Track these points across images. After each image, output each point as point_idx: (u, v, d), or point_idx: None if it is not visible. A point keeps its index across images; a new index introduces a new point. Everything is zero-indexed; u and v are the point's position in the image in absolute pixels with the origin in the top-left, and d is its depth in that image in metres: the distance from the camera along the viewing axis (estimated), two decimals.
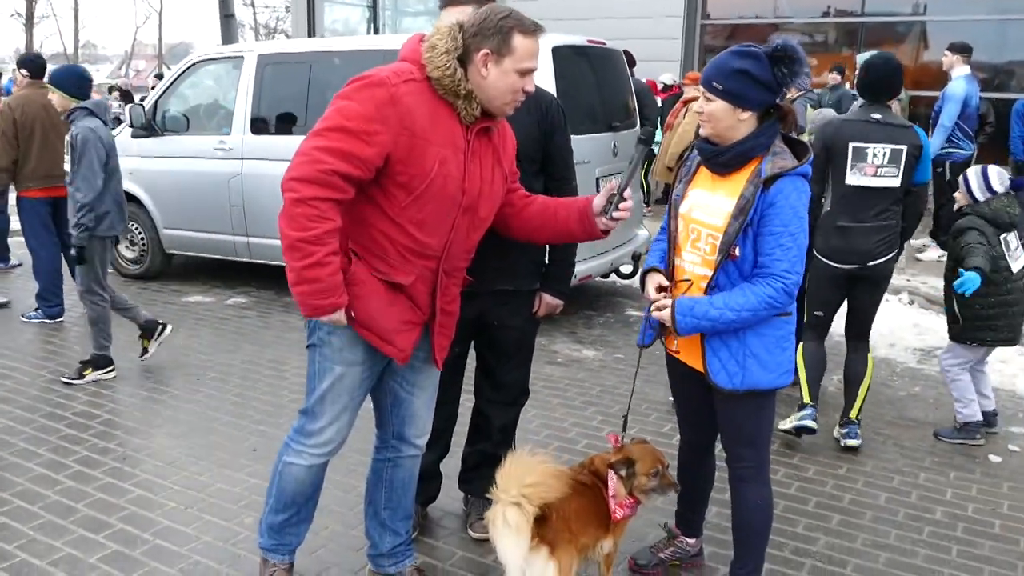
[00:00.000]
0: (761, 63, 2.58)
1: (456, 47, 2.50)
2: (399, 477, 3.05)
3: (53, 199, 6.17)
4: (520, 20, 2.52)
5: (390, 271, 2.62)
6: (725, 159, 2.67)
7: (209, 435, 4.40)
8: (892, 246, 4.20)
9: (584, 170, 6.05)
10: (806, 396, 4.35)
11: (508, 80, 2.51)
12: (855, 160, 4.10)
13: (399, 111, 2.43)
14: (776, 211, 2.55)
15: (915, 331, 6.29)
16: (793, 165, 2.58)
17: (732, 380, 2.70)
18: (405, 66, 2.52)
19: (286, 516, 2.94)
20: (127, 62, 51.21)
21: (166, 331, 5.46)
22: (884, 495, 3.88)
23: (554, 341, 6.02)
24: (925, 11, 11.51)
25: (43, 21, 43.07)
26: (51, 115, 6.05)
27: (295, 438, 2.87)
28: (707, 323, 2.63)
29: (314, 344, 2.75)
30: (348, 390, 2.77)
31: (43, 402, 4.84)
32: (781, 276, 2.56)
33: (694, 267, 2.75)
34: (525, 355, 3.39)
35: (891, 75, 4.21)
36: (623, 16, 11.75)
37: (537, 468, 2.55)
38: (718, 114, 2.62)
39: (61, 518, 3.57)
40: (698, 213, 2.73)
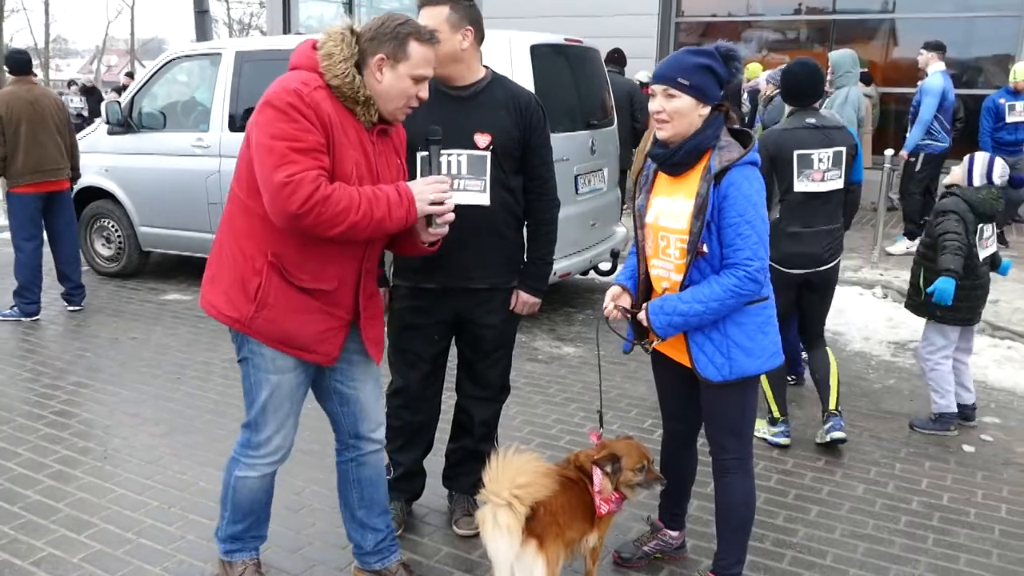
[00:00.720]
0: (718, 60, 2.67)
1: (352, 54, 2.56)
2: (366, 475, 3.05)
3: (44, 194, 6.20)
4: (417, 28, 2.60)
5: (313, 278, 2.66)
6: (678, 158, 2.73)
7: (191, 433, 4.38)
8: (839, 249, 4.29)
9: (563, 167, 6.08)
10: (775, 410, 4.34)
11: (402, 85, 2.59)
12: (801, 167, 4.13)
13: (320, 116, 2.49)
14: (730, 203, 2.63)
15: (889, 324, 6.39)
16: (739, 155, 2.66)
17: (720, 371, 2.76)
18: (306, 75, 2.55)
19: (245, 525, 2.98)
20: (99, 57, 50.59)
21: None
22: (861, 486, 3.95)
23: (535, 338, 6.05)
24: (894, 8, 11.66)
25: (12, 15, 42.39)
26: (38, 111, 6.07)
27: (242, 452, 2.88)
28: (679, 318, 2.70)
29: (245, 357, 2.77)
30: (287, 396, 2.79)
31: (21, 401, 4.80)
32: (743, 264, 2.63)
33: (669, 273, 2.82)
34: (505, 352, 3.42)
35: (811, 78, 4.26)
36: (599, 14, 11.80)
37: (527, 468, 2.57)
38: (683, 110, 2.68)
39: (43, 517, 3.55)
40: (664, 220, 2.79)
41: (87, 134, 7.66)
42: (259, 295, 2.62)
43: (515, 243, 3.31)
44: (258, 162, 2.51)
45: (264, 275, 2.61)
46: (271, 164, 2.46)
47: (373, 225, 2.56)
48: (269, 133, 2.48)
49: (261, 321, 2.64)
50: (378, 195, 2.57)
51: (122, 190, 7.31)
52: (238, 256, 2.64)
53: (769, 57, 12.15)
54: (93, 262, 7.70)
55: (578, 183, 6.33)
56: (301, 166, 2.45)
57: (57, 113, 6.21)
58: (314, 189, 2.45)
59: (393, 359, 3.38)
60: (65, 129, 6.27)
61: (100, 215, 7.52)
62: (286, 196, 2.44)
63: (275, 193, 2.45)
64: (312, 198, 2.44)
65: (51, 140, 6.12)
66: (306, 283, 2.65)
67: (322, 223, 2.49)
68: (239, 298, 2.64)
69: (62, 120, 6.25)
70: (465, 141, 3.11)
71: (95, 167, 7.34)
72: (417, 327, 3.29)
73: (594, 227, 6.53)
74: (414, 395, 3.36)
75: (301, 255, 2.62)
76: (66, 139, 6.27)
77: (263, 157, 2.48)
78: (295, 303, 2.65)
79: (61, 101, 6.40)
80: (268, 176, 2.47)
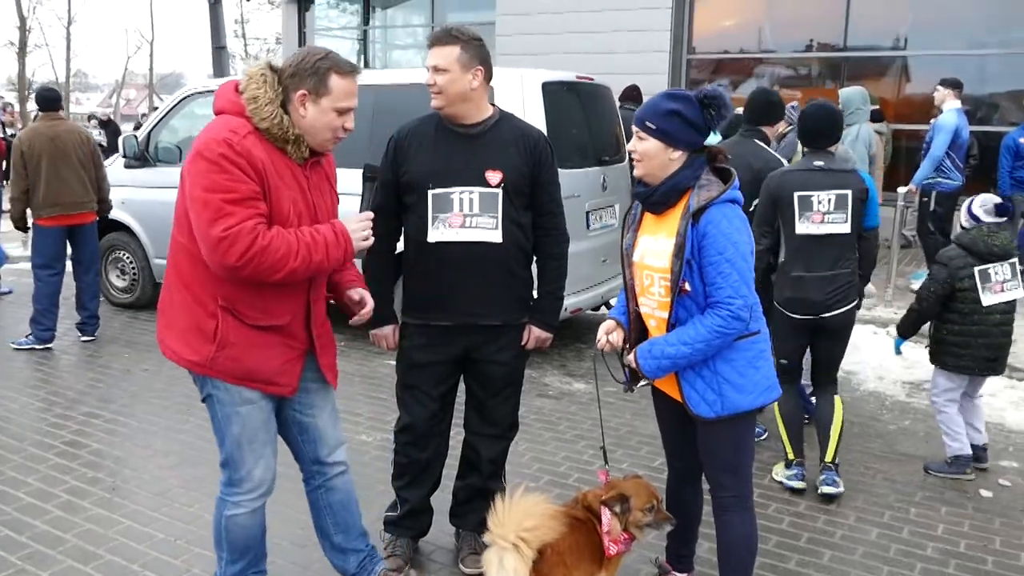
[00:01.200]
0: (692, 105, 2.69)
1: (276, 94, 2.59)
2: (336, 499, 3.08)
3: (67, 227, 6.34)
4: (336, 61, 2.63)
5: (265, 316, 2.68)
6: (657, 196, 2.76)
7: (199, 465, 4.37)
8: (848, 296, 4.13)
9: (574, 204, 6.12)
10: (790, 452, 4.28)
11: (326, 119, 2.64)
12: (802, 209, 4.09)
13: (253, 164, 2.52)
14: (709, 241, 2.64)
15: (904, 364, 6.32)
16: (718, 193, 2.67)
17: (712, 408, 2.76)
18: (235, 121, 2.58)
19: (244, 563, 2.96)
20: (118, 91, 51.30)
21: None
22: (875, 531, 3.89)
23: (545, 374, 6.03)
24: (906, 45, 11.71)
25: (36, 50, 43.15)
26: (59, 146, 6.21)
27: (227, 492, 2.87)
28: (667, 361, 2.71)
29: (209, 394, 2.77)
30: (260, 426, 2.79)
31: (32, 430, 4.81)
32: (725, 303, 2.64)
33: (654, 311, 2.83)
34: (514, 389, 3.41)
35: (827, 121, 4.23)
36: (611, 51, 11.91)
37: (534, 510, 2.55)
38: (651, 152, 2.73)
39: (50, 548, 3.55)
40: (648, 259, 2.81)
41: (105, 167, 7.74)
42: (218, 336, 2.64)
43: (525, 279, 3.32)
44: (194, 215, 2.53)
45: (219, 317, 2.63)
46: (207, 218, 2.49)
47: (312, 268, 2.63)
48: (202, 186, 2.50)
49: (223, 360, 2.66)
50: (316, 239, 2.62)
51: (137, 222, 7.38)
52: (189, 301, 2.66)
53: (782, 94, 12.20)
54: (108, 293, 7.74)
55: (589, 219, 6.34)
56: (237, 218, 2.48)
57: (80, 147, 6.33)
58: (251, 241, 2.48)
59: (401, 396, 3.37)
60: (90, 163, 6.38)
61: (115, 247, 7.58)
62: (224, 250, 2.48)
63: (213, 247, 2.49)
64: (250, 250, 2.48)
65: (73, 175, 6.24)
66: (260, 321, 2.68)
67: (262, 272, 2.54)
68: (197, 341, 2.66)
69: (86, 154, 6.36)
70: (476, 179, 3.13)
71: (113, 200, 7.38)
72: (426, 364, 3.28)
73: (605, 263, 6.53)
74: (421, 432, 3.34)
75: (249, 296, 2.64)
76: (91, 173, 6.39)
77: (199, 211, 2.50)
78: (253, 339, 2.68)
79: (87, 136, 6.52)
80: (205, 231, 2.49)
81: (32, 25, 40.32)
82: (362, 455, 4.53)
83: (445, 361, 3.29)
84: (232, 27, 39.34)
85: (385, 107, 5.98)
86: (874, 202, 4.20)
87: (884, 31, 11.77)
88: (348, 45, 16.60)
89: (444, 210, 3.13)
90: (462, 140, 3.16)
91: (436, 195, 3.12)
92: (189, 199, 2.53)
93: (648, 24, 12.20)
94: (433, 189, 3.12)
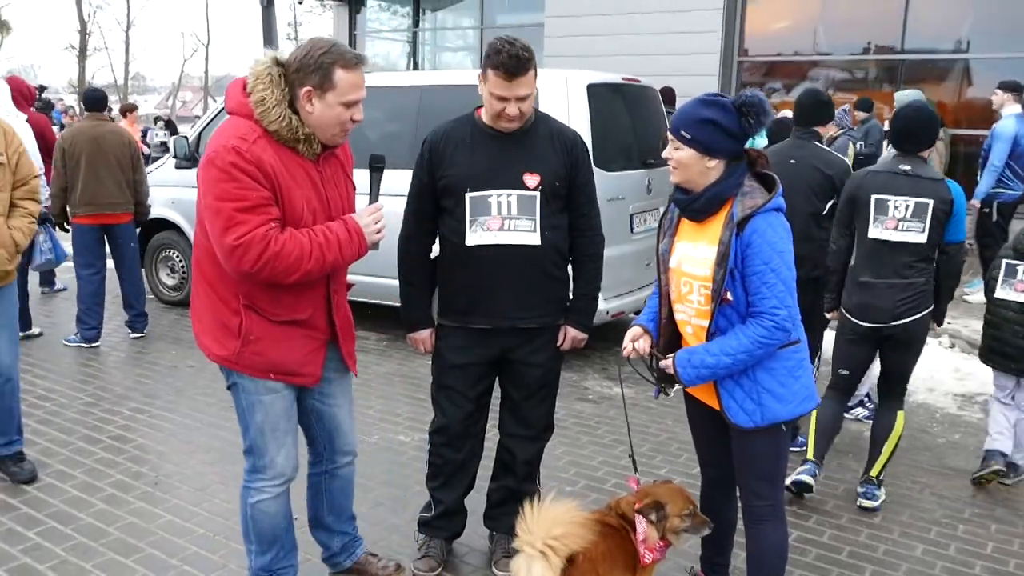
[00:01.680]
0: (728, 112, 2.61)
1: (284, 95, 2.58)
2: (337, 486, 3.18)
3: (103, 226, 6.43)
4: (341, 54, 2.59)
5: (287, 311, 2.73)
6: (698, 205, 2.70)
7: (240, 463, 4.35)
8: (919, 306, 3.93)
9: (618, 206, 6.08)
10: (810, 452, 4.15)
11: (333, 113, 2.62)
12: (877, 213, 3.95)
13: (263, 169, 2.53)
14: (754, 251, 2.57)
15: (956, 376, 6.17)
16: (763, 202, 2.61)
17: (751, 417, 2.71)
18: (244, 125, 2.58)
19: (273, 554, 3.00)
20: (174, 93, 52.44)
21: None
22: (921, 547, 3.78)
23: (586, 377, 5.99)
24: (968, 48, 11.40)
25: (95, 54, 44.27)
26: (101, 147, 6.28)
27: (250, 479, 2.93)
28: (707, 371, 2.67)
29: (235, 383, 2.83)
30: (282, 414, 2.85)
31: (80, 424, 4.92)
32: (770, 314, 2.58)
33: (691, 318, 2.78)
34: (549, 390, 3.39)
35: (923, 125, 4.00)
36: (660, 53, 11.81)
37: (563, 518, 2.52)
38: (686, 161, 2.66)
39: (93, 540, 3.62)
40: (687, 266, 2.75)
41: (157, 167, 7.91)
42: (242, 332, 2.70)
43: (562, 281, 3.30)
44: (208, 223, 2.58)
45: (242, 314, 2.69)
46: (220, 227, 2.53)
47: (327, 267, 2.68)
48: (214, 194, 2.53)
49: (248, 355, 2.72)
50: (329, 238, 2.65)
51: (186, 221, 7.50)
52: (214, 299, 2.72)
53: (836, 97, 11.99)
54: (157, 291, 7.90)
55: (633, 222, 6.30)
56: (249, 226, 2.51)
57: (121, 149, 6.37)
58: (264, 247, 2.52)
59: (436, 396, 3.37)
60: (128, 166, 6.41)
61: (165, 245, 7.72)
62: (238, 257, 2.53)
63: (228, 255, 2.54)
64: (263, 256, 2.52)
65: (110, 176, 6.29)
66: (282, 316, 2.73)
67: (277, 275, 2.58)
68: (224, 337, 2.72)
69: (125, 157, 6.39)
70: (514, 181, 3.11)
71: (163, 199, 7.56)
72: (461, 365, 3.28)
73: (648, 266, 6.46)
74: (456, 433, 3.34)
75: (270, 293, 2.69)
76: (128, 176, 6.41)
77: (212, 219, 2.55)
78: (276, 334, 2.73)
79: (129, 138, 6.57)
80: (219, 239, 2.54)
81: (92, 29, 41.41)
82: (400, 455, 4.55)
83: (480, 362, 3.28)
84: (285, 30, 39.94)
85: (430, 108, 6.00)
86: (960, 216, 3.95)
87: (944, 33, 11.49)
88: (398, 47, 16.74)
89: (482, 213, 3.12)
90: (500, 142, 3.14)
91: (474, 198, 3.11)
92: (203, 208, 2.58)
93: (699, 26, 12.07)
94: (471, 192, 3.11)
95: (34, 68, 53.45)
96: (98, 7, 53.99)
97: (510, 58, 2.93)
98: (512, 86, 2.97)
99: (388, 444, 4.67)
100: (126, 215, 6.49)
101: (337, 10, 16.96)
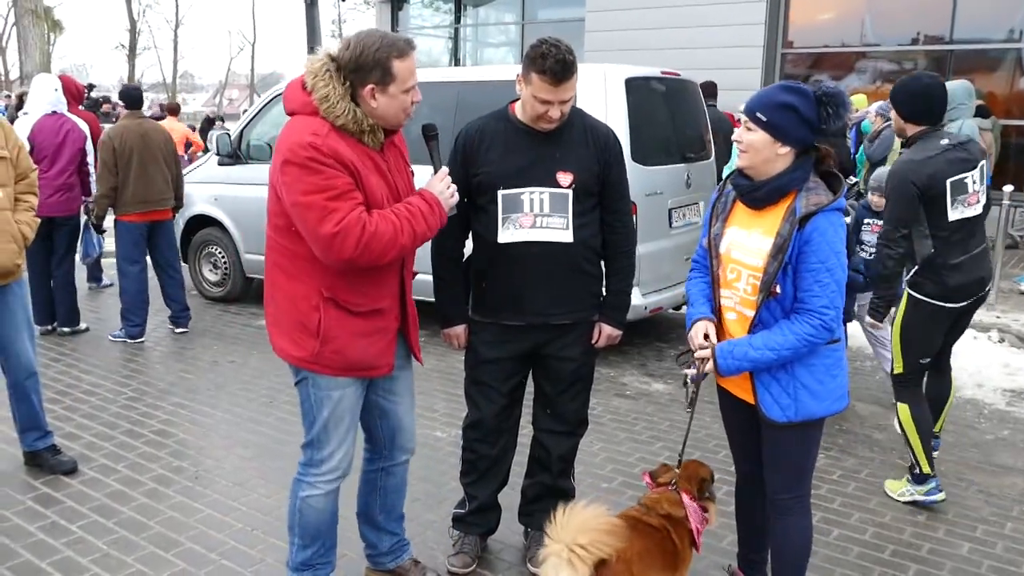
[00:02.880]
0: (808, 101, 2.56)
1: (345, 90, 2.61)
2: (392, 484, 3.18)
3: (150, 223, 6.54)
4: (393, 44, 2.61)
5: (368, 300, 2.76)
6: (761, 194, 2.66)
7: (278, 458, 4.47)
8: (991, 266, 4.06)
9: (657, 201, 6.02)
10: (924, 466, 3.98)
11: (397, 101, 2.67)
12: (955, 194, 3.80)
13: (341, 160, 2.56)
14: (812, 248, 2.54)
15: (1005, 371, 6.01)
16: (828, 200, 2.57)
17: (785, 412, 2.68)
18: (312, 122, 2.60)
19: (314, 550, 3.01)
20: (221, 91, 53.25)
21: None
22: (967, 545, 3.69)
23: (623, 373, 5.95)
24: (1021, 37, 11.09)
25: (144, 52, 45.13)
26: (148, 144, 6.40)
27: (304, 473, 2.95)
28: (748, 363, 2.64)
29: (304, 378, 2.84)
30: (348, 410, 2.88)
31: (124, 419, 5.00)
32: (819, 312, 2.55)
33: (735, 305, 2.75)
34: (584, 384, 3.36)
35: (941, 91, 3.87)
36: (702, 47, 11.68)
37: (592, 524, 2.49)
38: (757, 145, 2.62)
39: (134, 534, 3.68)
40: (737, 253, 2.71)
41: (199, 164, 8.02)
42: (321, 331, 2.71)
43: (595, 277, 3.27)
44: (299, 220, 2.59)
45: (321, 310, 2.70)
46: (314, 219, 2.55)
47: (418, 240, 2.71)
48: (300, 191, 2.55)
49: (327, 354, 2.74)
50: (412, 211, 2.70)
51: (229, 218, 7.60)
52: (292, 297, 2.74)
53: (884, 88, 11.75)
54: (200, 287, 8.02)
55: (672, 217, 6.23)
56: (342, 212, 2.54)
57: (165, 146, 6.54)
58: (361, 231, 2.55)
59: (469, 392, 3.37)
60: (172, 161, 6.60)
61: (208, 242, 7.83)
62: (338, 246, 2.55)
63: (327, 246, 2.56)
64: (362, 239, 2.55)
65: (159, 172, 6.45)
66: (363, 306, 2.75)
67: (375, 256, 2.61)
68: (303, 338, 2.74)
69: (169, 153, 6.58)
70: (548, 179, 3.09)
71: (206, 196, 7.68)
72: (494, 360, 3.27)
73: (687, 261, 6.38)
74: (490, 428, 3.33)
75: (352, 283, 2.71)
76: (172, 171, 6.59)
77: (303, 214, 2.56)
78: (355, 329, 2.75)
79: (169, 135, 6.73)
80: (315, 231, 2.56)
81: (142, 28, 42.25)
82: (436, 451, 4.56)
83: (513, 357, 3.27)
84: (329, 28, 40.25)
85: (467, 104, 5.99)
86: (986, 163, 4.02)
87: (994, 21, 11.20)
88: (440, 43, 16.79)
89: (514, 210, 3.10)
90: (533, 139, 3.12)
91: (506, 195, 3.10)
92: (291, 206, 2.59)
93: (742, 18, 11.92)
94: (504, 190, 3.10)
95: (86, 67, 54.73)
96: (147, 6, 55.17)
97: (557, 63, 2.91)
98: (558, 91, 2.96)
99: (424, 440, 4.67)
100: (170, 211, 6.66)
101: (380, 7, 17.08)
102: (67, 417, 4.99)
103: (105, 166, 6.31)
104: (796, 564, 2.87)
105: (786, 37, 12.35)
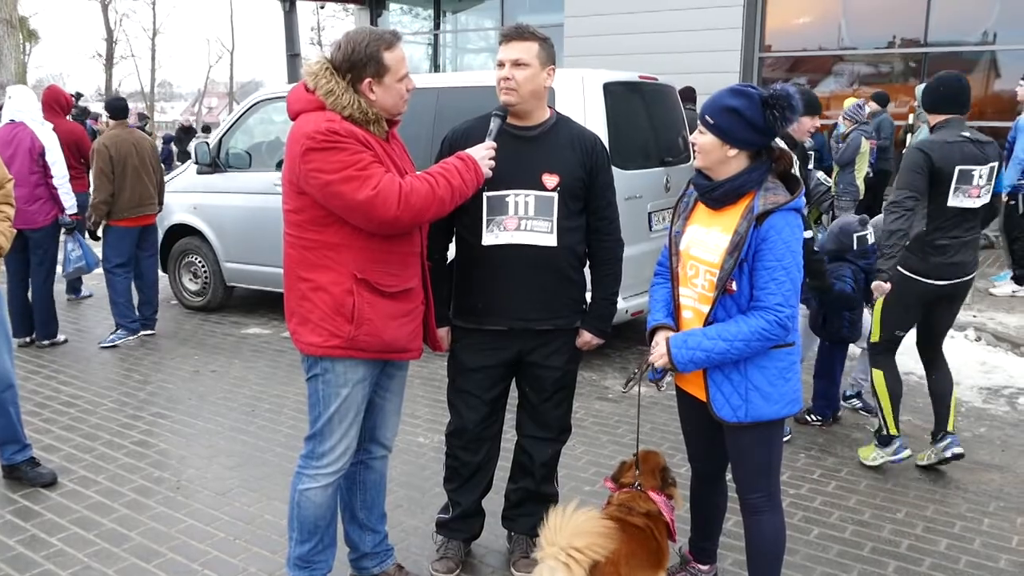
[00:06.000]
0: (753, 104, 2.61)
1: (346, 85, 2.71)
2: (371, 478, 3.22)
3: (140, 227, 6.81)
4: (380, 37, 2.74)
5: (400, 280, 2.86)
6: (718, 194, 2.72)
7: (262, 466, 4.45)
8: (978, 259, 4.23)
9: (637, 205, 6.05)
10: (892, 427, 4.33)
11: (394, 91, 2.79)
12: (960, 183, 4.03)
13: (359, 138, 2.67)
14: (769, 246, 2.59)
15: (982, 369, 6.08)
16: (785, 200, 2.62)
17: (736, 413, 2.73)
18: (324, 113, 2.70)
19: (312, 544, 3.04)
20: (200, 100, 52.98)
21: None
22: (945, 541, 3.73)
23: (605, 377, 5.97)
24: (994, 40, 11.23)
25: (122, 61, 44.90)
26: (139, 152, 6.70)
27: (306, 464, 3.00)
28: (702, 353, 2.67)
29: (316, 374, 2.90)
30: (354, 406, 2.94)
31: (104, 431, 4.97)
32: (775, 309, 2.60)
33: (693, 302, 2.79)
34: (567, 392, 3.37)
35: (962, 83, 4.13)
36: (680, 51, 11.74)
37: (586, 527, 2.52)
38: (707, 147, 2.70)
39: (115, 546, 3.65)
40: (696, 250, 2.76)
41: (178, 173, 7.99)
42: (355, 314, 2.78)
43: (579, 283, 3.27)
44: (335, 196, 2.65)
45: (355, 293, 2.77)
46: (351, 190, 2.63)
47: (456, 193, 2.82)
48: (329, 170, 2.63)
49: (363, 337, 2.81)
50: (446, 167, 2.84)
51: (208, 227, 7.56)
52: (323, 286, 2.79)
53: (860, 91, 11.86)
54: (180, 296, 7.97)
55: (652, 220, 6.27)
56: (377, 176, 2.65)
57: (152, 153, 6.87)
58: (398, 188, 2.67)
59: (452, 400, 3.37)
60: (157, 167, 6.92)
61: (188, 251, 7.79)
62: (380, 205, 2.64)
63: (368, 210, 2.65)
64: (401, 196, 2.66)
65: (149, 178, 6.75)
66: (394, 286, 2.84)
67: (417, 211, 2.72)
68: (337, 323, 2.80)
69: (155, 159, 6.90)
70: (533, 182, 3.10)
71: (185, 205, 7.64)
72: (477, 368, 3.27)
73: None
74: (473, 436, 3.33)
75: (381, 263, 2.81)
76: (159, 176, 6.91)
77: (338, 189, 2.63)
78: (387, 311, 2.84)
79: (153, 143, 7.02)
80: (353, 200, 2.64)
81: (119, 37, 42.03)
82: (419, 457, 4.55)
83: (497, 365, 3.27)
84: (308, 35, 40.19)
85: (446, 110, 6.01)
86: (1002, 168, 4.25)
87: (968, 24, 11.33)
88: (420, 50, 16.78)
89: (499, 213, 3.11)
90: (519, 142, 3.13)
91: (491, 198, 3.11)
92: (323, 187, 2.65)
93: (719, 22, 11.99)
94: (488, 191, 3.10)
95: (62, 76, 54.16)
96: (125, 15, 54.85)
97: (510, 27, 3.11)
98: (507, 49, 3.05)
99: (407, 446, 4.67)
100: (155, 215, 6.94)
101: (359, 14, 17.05)
102: (46, 429, 4.95)
103: (103, 174, 6.52)
104: (771, 561, 2.90)
105: (763, 41, 12.44)
